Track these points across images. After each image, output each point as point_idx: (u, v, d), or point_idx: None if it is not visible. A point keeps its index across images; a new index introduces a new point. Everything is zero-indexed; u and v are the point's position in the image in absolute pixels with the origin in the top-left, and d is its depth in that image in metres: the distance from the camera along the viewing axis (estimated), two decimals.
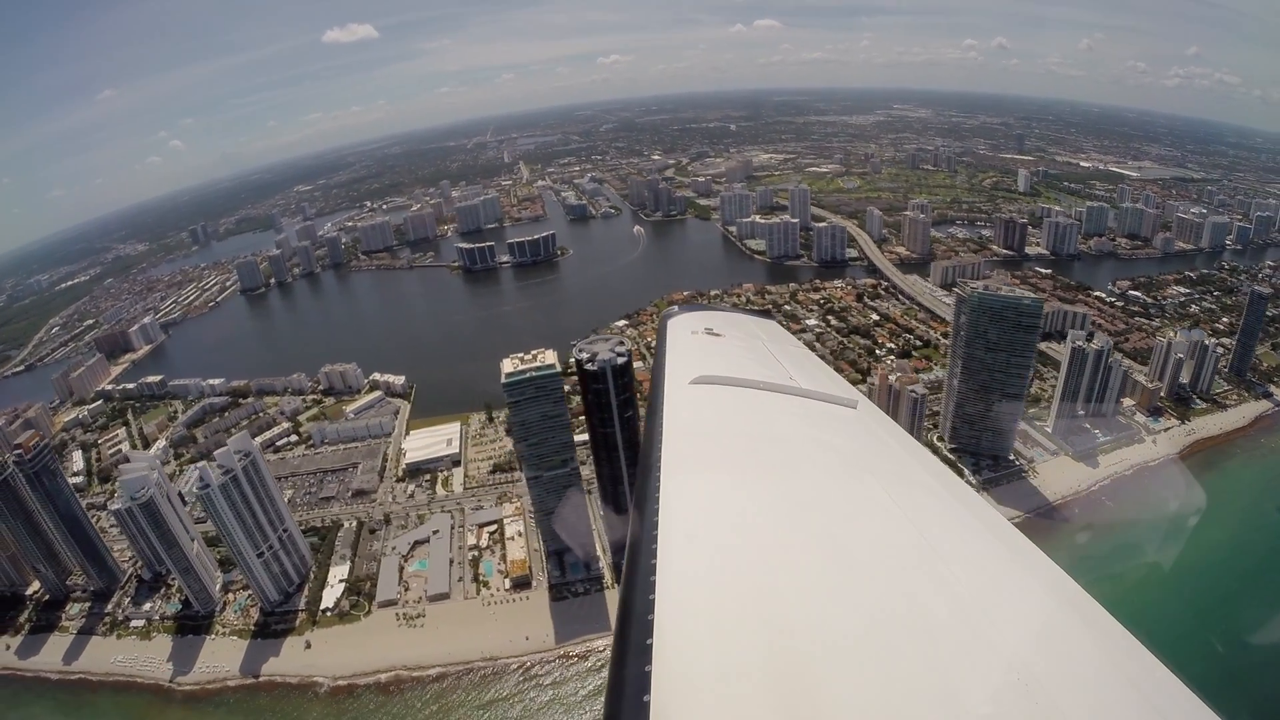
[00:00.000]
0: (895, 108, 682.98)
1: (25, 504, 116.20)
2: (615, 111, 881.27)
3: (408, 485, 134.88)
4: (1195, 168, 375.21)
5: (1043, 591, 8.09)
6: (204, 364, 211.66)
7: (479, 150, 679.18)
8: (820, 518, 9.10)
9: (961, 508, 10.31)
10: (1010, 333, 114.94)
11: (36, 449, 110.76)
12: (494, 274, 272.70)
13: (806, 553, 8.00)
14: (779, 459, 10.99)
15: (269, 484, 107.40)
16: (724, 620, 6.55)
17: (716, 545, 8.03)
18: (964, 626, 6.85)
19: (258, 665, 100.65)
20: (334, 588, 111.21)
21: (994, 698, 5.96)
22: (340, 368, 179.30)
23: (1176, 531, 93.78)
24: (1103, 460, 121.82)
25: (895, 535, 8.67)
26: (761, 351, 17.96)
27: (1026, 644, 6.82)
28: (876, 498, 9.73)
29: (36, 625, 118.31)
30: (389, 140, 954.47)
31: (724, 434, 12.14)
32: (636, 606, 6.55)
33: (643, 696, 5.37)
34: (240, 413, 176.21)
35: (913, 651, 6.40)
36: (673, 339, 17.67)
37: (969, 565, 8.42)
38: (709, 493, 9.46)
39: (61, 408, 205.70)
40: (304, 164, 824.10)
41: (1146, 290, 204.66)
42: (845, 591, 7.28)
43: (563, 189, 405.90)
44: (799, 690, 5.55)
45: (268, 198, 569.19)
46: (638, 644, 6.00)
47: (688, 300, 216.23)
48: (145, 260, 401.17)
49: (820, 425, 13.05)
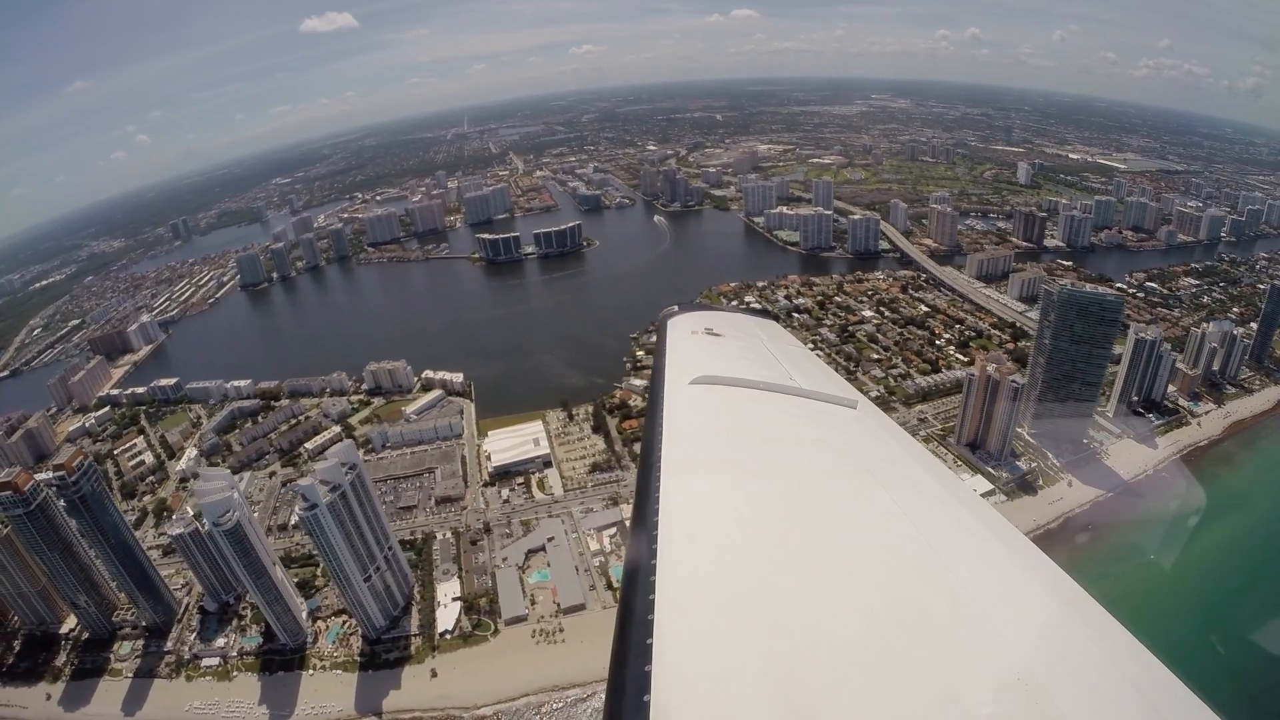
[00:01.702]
0: (874, 98, 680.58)
1: (61, 532, 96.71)
2: (591, 102, 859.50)
3: (500, 490, 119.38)
4: (1176, 160, 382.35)
5: (1042, 591, 7.89)
6: (218, 365, 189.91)
7: (460, 141, 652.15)
8: (820, 518, 8.89)
9: (961, 508, 10.15)
10: (1094, 326, 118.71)
11: (81, 470, 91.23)
12: (519, 266, 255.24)
13: (806, 553, 7.80)
14: (779, 459, 10.74)
15: (374, 498, 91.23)
16: (724, 620, 6.40)
17: (716, 545, 7.82)
18: (964, 626, 6.71)
19: (376, 701, 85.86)
20: (447, 607, 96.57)
21: (994, 698, 5.78)
22: (388, 365, 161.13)
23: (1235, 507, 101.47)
24: (1160, 442, 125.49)
25: (895, 535, 8.45)
26: (761, 351, 17.50)
27: (1026, 644, 6.64)
28: (876, 498, 9.52)
29: (81, 669, 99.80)
30: (362, 132, 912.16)
31: (724, 434, 11.65)
32: (636, 606, 6.42)
33: (643, 696, 5.25)
34: (277, 417, 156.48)
35: (912, 651, 6.23)
36: (673, 339, 17.08)
37: (969, 565, 8.18)
38: (709, 493, 9.16)
39: (60, 416, 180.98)
40: (275, 157, 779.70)
41: (1161, 282, 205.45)
42: (845, 591, 7.07)
43: (568, 179, 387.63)
44: (799, 690, 5.44)
45: (244, 191, 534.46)
46: (638, 644, 5.89)
47: (735, 291, 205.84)
48: (124, 257, 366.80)
49: (820, 425, 12.74)
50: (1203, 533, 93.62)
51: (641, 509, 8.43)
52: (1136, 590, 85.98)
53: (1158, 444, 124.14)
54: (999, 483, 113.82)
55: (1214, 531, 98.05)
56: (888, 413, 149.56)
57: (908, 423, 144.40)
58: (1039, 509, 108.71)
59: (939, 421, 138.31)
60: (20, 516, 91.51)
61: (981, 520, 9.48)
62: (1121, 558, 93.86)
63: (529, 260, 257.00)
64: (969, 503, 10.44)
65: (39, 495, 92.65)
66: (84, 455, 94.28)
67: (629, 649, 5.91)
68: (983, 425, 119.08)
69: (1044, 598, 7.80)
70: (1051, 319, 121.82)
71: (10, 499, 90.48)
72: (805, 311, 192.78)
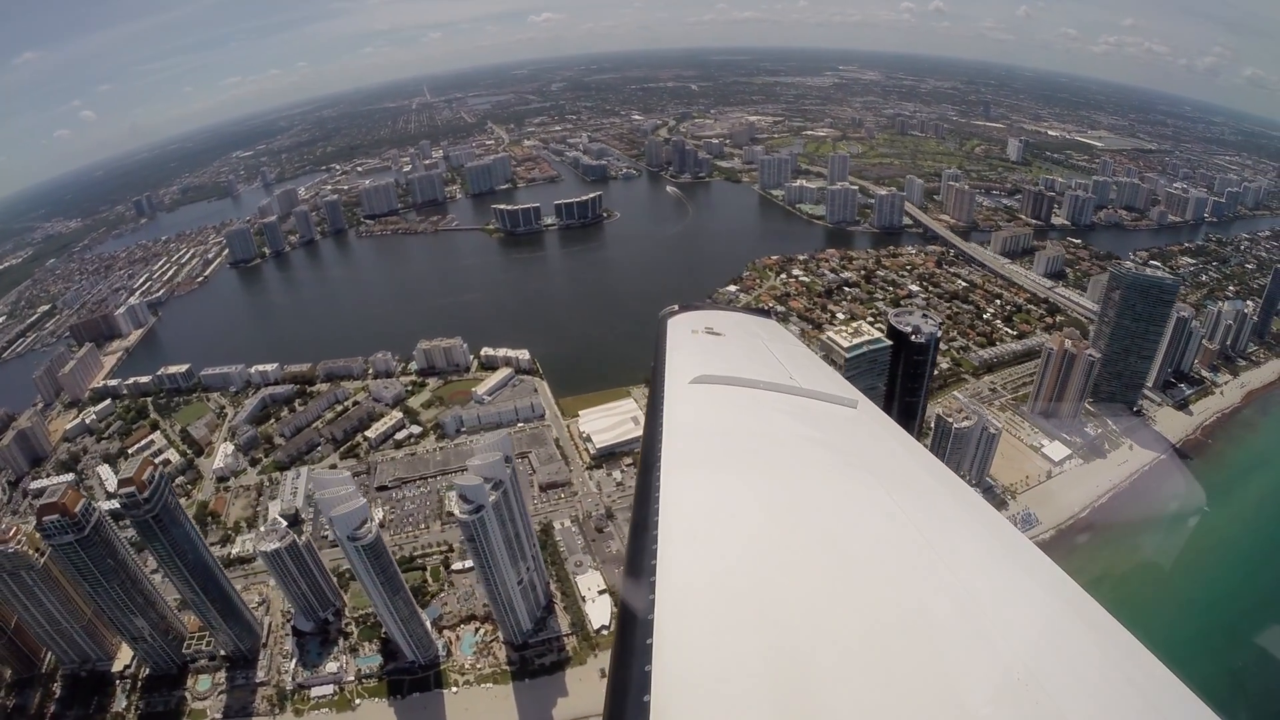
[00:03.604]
0: (841, 69, 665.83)
1: (119, 556, 76.95)
2: (554, 70, 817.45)
3: (609, 472, 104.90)
4: (1146, 138, 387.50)
5: (1042, 591, 7.69)
6: (224, 348, 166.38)
7: (428, 110, 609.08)
8: (820, 517, 8.64)
9: (961, 507, 9.86)
10: (1153, 305, 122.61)
11: (153, 483, 71.05)
12: (538, 237, 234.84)
13: (806, 552, 7.58)
14: (779, 458, 10.40)
15: (523, 493, 75.31)
16: (724, 620, 6.24)
17: (716, 544, 7.60)
18: (963, 625, 6.53)
19: (544, 711, 74.10)
20: (595, 602, 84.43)
21: (994, 697, 5.62)
22: (443, 343, 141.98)
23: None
24: (1194, 409, 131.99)
25: (894, 534, 8.16)
26: (761, 351, 16.89)
27: (1026, 643, 6.44)
28: (876, 497, 9.21)
29: (150, 713, 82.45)
30: (318, 103, 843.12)
31: (724, 433, 11.44)
32: (637, 606, 6.28)
33: (643, 696, 5.13)
34: (319, 404, 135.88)
35: (912, 650, 6.06)
36: (673, 338, 16.34)
37: (968, 564, 7.94)
38: (709, 492, 8.94)
39: (49, 411, 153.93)
40: (227, 130, 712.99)
41: (1162, 261, 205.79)
42: (845, 591, 6.88)
43: (564, 150, 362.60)
44: (798, 689, 5.30)
45: (203, 166, 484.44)
46: (638, 644, 5.72)
47: (779, 264, 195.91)
48: (85, 237, 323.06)
49: (820, 425, 12.42)
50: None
51: (642, 508, 8.14)
52: (1193, 549, 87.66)
53: (1192, 411, 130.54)
54: (1075, 448, 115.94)
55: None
56: (958, 384, 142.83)
57: (979, 392, 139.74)
58: (1111, 470, 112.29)
59: (1007, 391, 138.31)
60: (71, 544, 71.25)
61: (981, 520, 9.27)
62: (1179, 522, 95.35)
63: (549, 232, 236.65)
64: (968, 502, 9.99)
65: (91, 517, 72.53)
66: (152, 465, 73.85)
67: (629, 649, 5.71)
68: (1057, 394, 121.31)
69: (1044, 598, 7.56)
70: (1117, 298, 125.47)
71: (58, 524, 70.28)
72: (855, 285, 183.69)
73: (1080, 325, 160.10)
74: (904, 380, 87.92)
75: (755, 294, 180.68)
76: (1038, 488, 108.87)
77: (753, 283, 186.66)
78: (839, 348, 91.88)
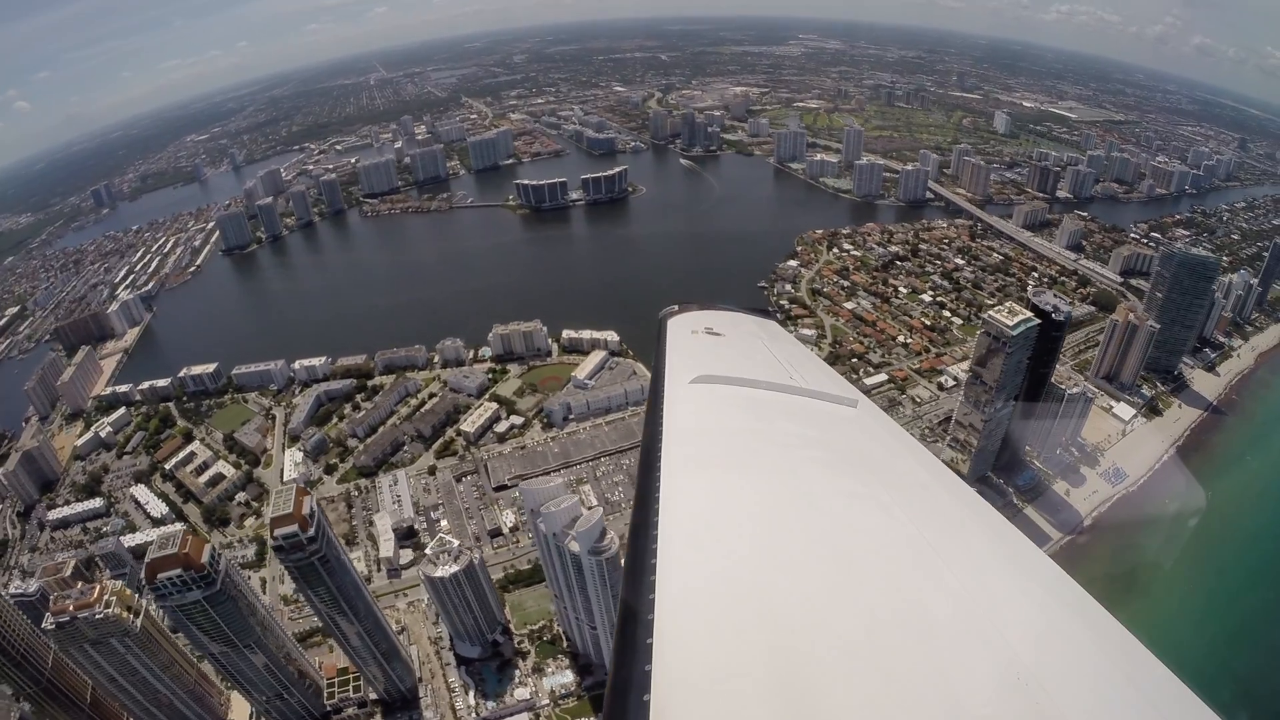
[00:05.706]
0: (802, 37, 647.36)
1: (255, 609, 58.96)
2: (511, 43, 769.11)
3: None
4: (1112, 109, 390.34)
5: (1042, 591, 7.52)
6: (239, 343, 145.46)
7: (390, 86, 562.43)
8: (820, 516, 8.35)
9: (960, 507, 9.52)
10: (1199, 281, 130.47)
11: (314, 520, 52.70)
12: (565, 213, 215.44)
13: (806, 551, 7.34)
14: (779, 458, 10.00)
15: None
16: (724, 619, 6.04)
17: (717, 544, 7.37)
18: (963, 625, 6.35)
19: None
20: None
21: (994, 697, 5.49)
22: (521, 327, 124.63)
23: None
24: (1220, 370, 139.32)
25: (894, 534, 7.94)
26: (761, 351, 16.30)
27: (1026, 643, 6.19)
28: (876, 496, 8.98)
29: None
30: (266, 83, 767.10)
31: (724, 433, 11.01)
32: (637, 606, 6.08)
33: (643, 696, 4.99)
34: (389, 399, 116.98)
35: (912, 650, 5.90)
36: (673, 338, 15.64)
37: (968, 564, 7.70)
38: (709, 492, 8.61)
39: (47, 425, 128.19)
40: (171, 115, 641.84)
41: (1160, 233, 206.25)
42: (845, 590, 6.67)
43: (560, 123, 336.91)
44: (798, 689, 5.14)
45: (156, 152, 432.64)
46: (638, 644, 5.58)
47: (825, 238, 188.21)
48: (41, 232, 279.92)
49: (820, 424, 12.01)
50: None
51: (642, 508, 7.84)
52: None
53: (1219, 372, 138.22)
54: (1138, 408, 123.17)
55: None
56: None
57: None
58: (1170, 426, 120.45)
59: (1068, 358, 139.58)
60: (198, 603, 52.68)
61: (980, 519, 8.96)
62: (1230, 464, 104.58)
63: (575, 207, 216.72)
64: (968, 501, 9.58)
65: (219, 567, 53.86)
66: (306, 494, 55.22)
67: (629, 649, 5.56)
68: (1118, 360, 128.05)
69: (1043, 597, 7.43)
70: (1168, 275, 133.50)
71: (180, 580, 51.59)
72: (905, 259, 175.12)
73: (1108, 296, 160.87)
74: (1039, 353, 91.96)
75: (816, 268, 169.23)
76: (1117, 445, 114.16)
77: (808, 257, 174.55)
78: (1005, 326, 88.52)
